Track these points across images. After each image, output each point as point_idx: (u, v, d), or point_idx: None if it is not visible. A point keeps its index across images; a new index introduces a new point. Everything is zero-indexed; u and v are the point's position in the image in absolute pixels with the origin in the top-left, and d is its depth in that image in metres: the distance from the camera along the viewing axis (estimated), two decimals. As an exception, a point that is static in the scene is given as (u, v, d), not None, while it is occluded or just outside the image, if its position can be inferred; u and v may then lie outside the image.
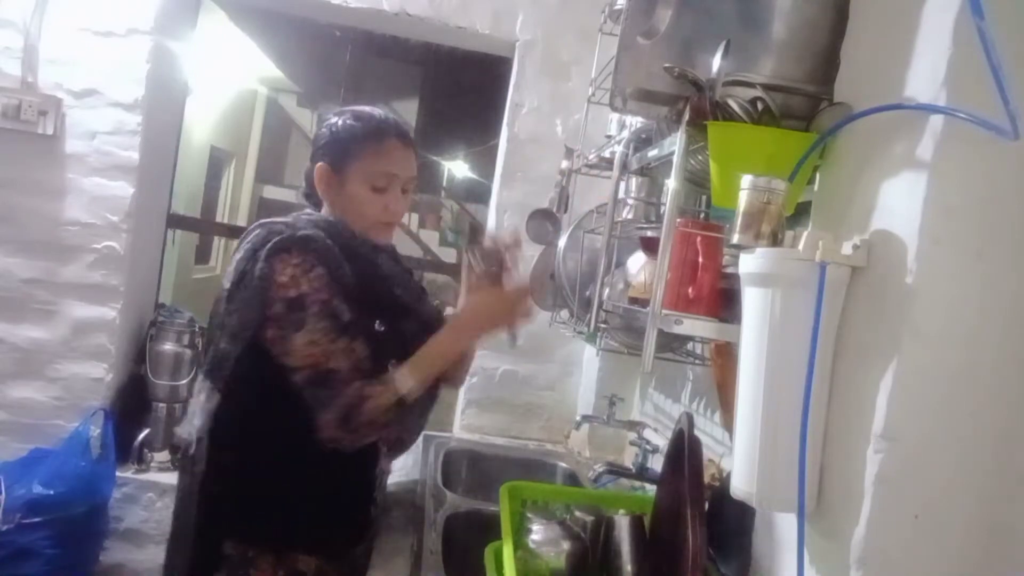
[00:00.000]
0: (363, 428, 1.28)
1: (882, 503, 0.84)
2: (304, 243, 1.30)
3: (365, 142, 1.39)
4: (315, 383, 1.27)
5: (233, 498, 1.36)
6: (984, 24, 0.72)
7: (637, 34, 1.10)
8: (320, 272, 1.29)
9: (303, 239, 1.31)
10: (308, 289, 1.28)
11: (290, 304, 1.27)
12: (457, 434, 2.55)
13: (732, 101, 1.02)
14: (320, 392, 1.27)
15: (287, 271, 1.28)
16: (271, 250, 1.29)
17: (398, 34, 2.70)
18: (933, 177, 0.82)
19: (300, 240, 1.30)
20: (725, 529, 1.19)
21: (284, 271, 1.28)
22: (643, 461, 1.87)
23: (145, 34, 2.34)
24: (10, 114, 2.24)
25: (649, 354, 1.05)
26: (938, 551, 0.84)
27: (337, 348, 1.28)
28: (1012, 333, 0.82)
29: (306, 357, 1.27)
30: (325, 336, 1.28)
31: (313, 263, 1.29)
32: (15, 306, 2.34)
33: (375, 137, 1.40)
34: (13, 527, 2.03)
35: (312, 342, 1.27)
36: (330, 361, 1.27)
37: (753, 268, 0.92)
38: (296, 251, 1.29)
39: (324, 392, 1.27)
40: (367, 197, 1.40)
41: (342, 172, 1.39)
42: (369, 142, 1.39)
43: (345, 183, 1.39)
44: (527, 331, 2.51)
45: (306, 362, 1.27)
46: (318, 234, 1.33)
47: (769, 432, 0.91)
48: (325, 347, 1.27)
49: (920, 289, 0.82)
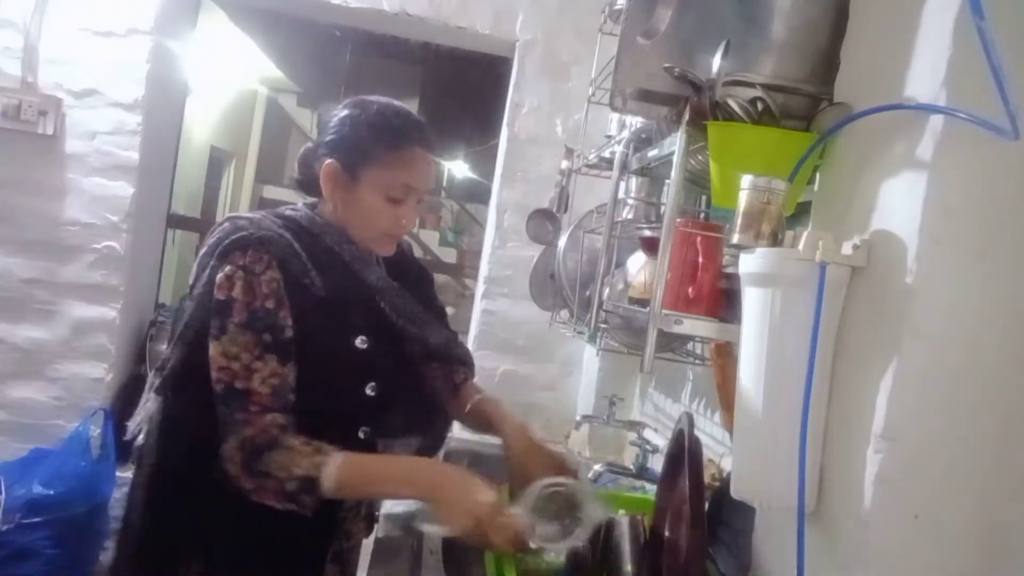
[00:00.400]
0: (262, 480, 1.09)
1: (882, 503, 0.84)
2: (261, 244, 1.15)
3: (387, 148, 1.23)
4: (226, 401, 1.12)
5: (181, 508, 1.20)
6: (984, 24, 0.72)
7: (637, 34, 1.10)
8: (269, 277, 1.15)
9: (260, 239, 1.16)
10: (239, 294, 1.13)
11: (217, 308, 1.13)
12: (457, 434, 2.54)
13: (732, 101, 1.02)
14: (229, 414, 1.12)
15: (227, 270, 1.14)
16: (224, 248, 1.16)
17: (398, 34, 2.71)
18: (933, 177, 0.82)
19: (257, 240, 1.15)
20: (725, 529, 1.19)
21: (224, 270, 1.14)
22: (643, 461, 1.87)
23: (145, 34, 2.34)
24: (10, 114, 2.25)
25: (649, 354, 1.05)
26: (938, 551, 0.84)
27: (262, 367, 1.12)
28: (1012, 333, 0.82)
29: (220, 370, 1.12)
30: (247, 350, 1.12)
31: (265, 266, 1.15)
32: (15, 306, 2.34)
33: (399, 143, 1.24)
34: (13, 527, 2.04)
35: (228, 354, 1.12)
36: (249, 380, 1.12)
37: (753, 268, 0.92)
38: (250, 251, 1.14)
39: (234, 415, 1.11)
40: (380, 207, 1.24)
41: (355, 176, 1.23)
42: (391, 148, 1.23)
43: (357, 188, 1.24)
44: (527, 332, 2.55)
45: (220, 375, 1.12)
46: (283, 237, 1.18)
47: (769, 432, 0.91)
48: (244, 364, 1.12)
49: (920, 289, 0.82)
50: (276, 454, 1.10)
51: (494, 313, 2.58)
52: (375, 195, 1.24)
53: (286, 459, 1.09)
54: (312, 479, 1.08)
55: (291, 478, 1.08)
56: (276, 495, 1.10)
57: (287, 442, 1.11)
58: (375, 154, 1.23)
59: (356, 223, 1.26)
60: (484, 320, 2.58)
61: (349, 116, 1.26)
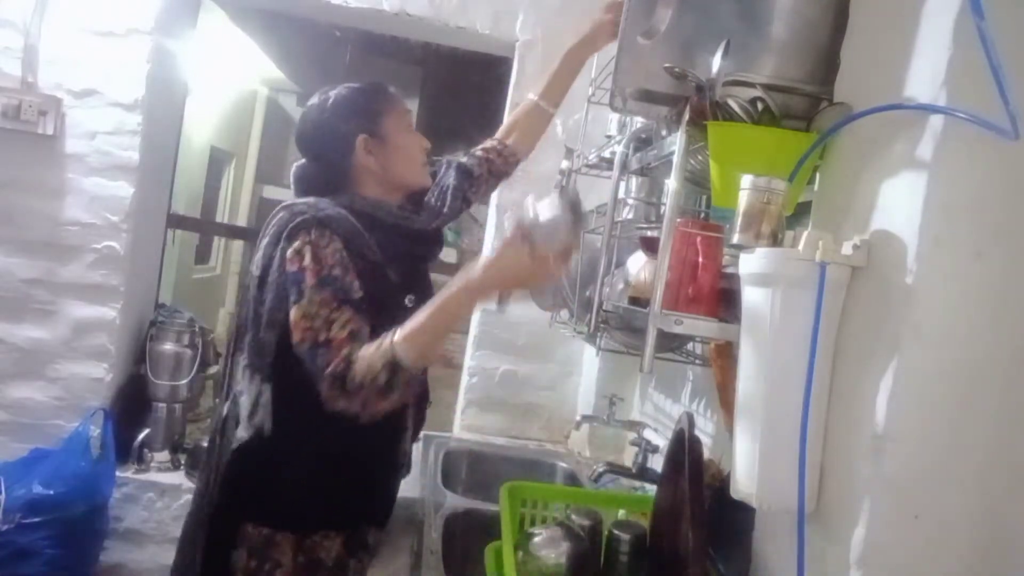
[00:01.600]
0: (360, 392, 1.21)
1: (882, 503, 0.84)
2: (323, 222, 1.30)
3: (381, 98, 1.45)
4: (311, 356, 1.25)
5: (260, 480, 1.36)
6: (984, 24, 0.72)
7: (637, 34, 1.10)
8: (334, 248, 1.29)
9: (322, 219, 1.31)
10: (310, 263, 1.27)
11: (292, 279, 1.27)
12: (457, 434, 2.54)
13: (732, 101, 1.02)
14: (315, 363, 1.24)
15: (295, 246, 1.28)
16: (291, 231, 1.30)
17: (398, 34, 2.70)
18: (933, 177, 0.82)
19: (319, 220, 1.30)
20: (725, 529, 1.19)
21: (292, 247, 1.28)
22: (643, 461, 1.87)
23: (145, 34, 2.33)
24: (10, 114, 2.24)
25: (649, 354, 1.05)
26: (938, 551, 0.84)
27: (336, 319, 1.25)
28: (1012, 333, 0.82)
29: (304, 331, 1.25)
30: (322, 308, 1.25)
31: (329, 240, 1.29)
32: (15, 306, 2.34)
33: (382, 91, 1.47)
34: (13, 527, 2.03)
35: (307, 315, 1.25)
36: (328, 332, 1.25)
37: (753, 268, 0.92)
38: (314, 229, 1.29)
39: (319, 361, 1.24)
40: (410, 141, 1.46)
41: (380, 132, 1.42)
42: (383, 97, 1.46)
43: (387, 140, 1.42)
44: (527, 332, 2.55)
45: (304, 336, 1.25)
46: (340, 212, 1.34)
47: (769, 432, 0.91)
48: (324, 318, 1.25)
49: (920, 289, 0.82)
50: (356, 368, 1.21)
51: (494, 313, 2.58)
52: (402, 134, 1.44)
53: (364, 365, 1.21)
54: (390, 362, 1.20)
55: (377, 374, 1.20)
56: (379, 397, 1.21)
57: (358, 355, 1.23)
58: (379, 107, 1.44)
59: (402, 167, 1.45)
60: (484, 320, 2.58)
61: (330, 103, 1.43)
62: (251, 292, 1.36)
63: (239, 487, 1.36)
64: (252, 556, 1.35)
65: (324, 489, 1.38)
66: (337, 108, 1.42)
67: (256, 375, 1.35)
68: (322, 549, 1.38)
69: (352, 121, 1.41)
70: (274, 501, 1.37)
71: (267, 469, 1.35)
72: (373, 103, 1.44)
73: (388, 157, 1.42)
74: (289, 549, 1.35)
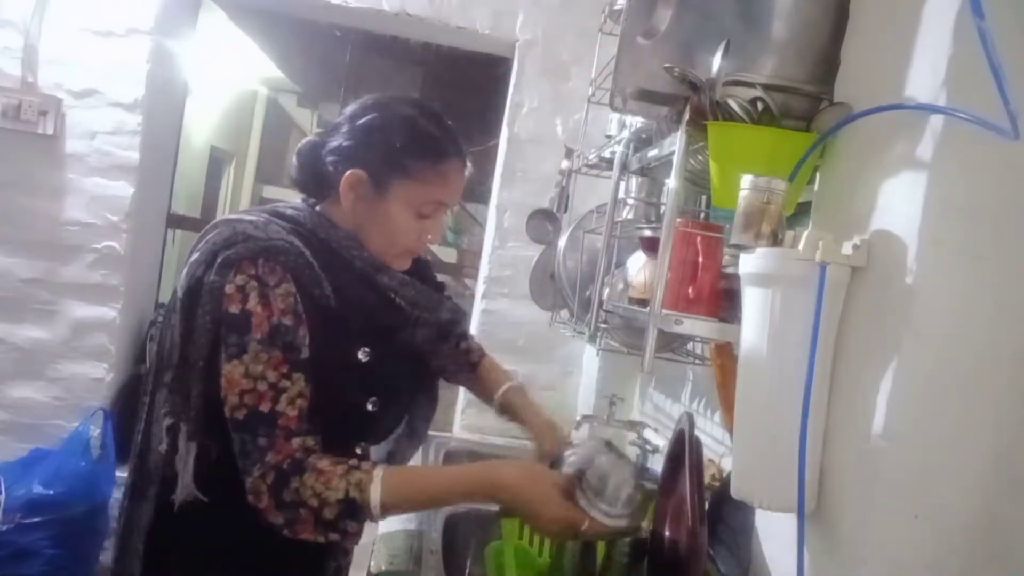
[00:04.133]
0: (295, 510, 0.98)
1: (882, 503, 0.84)
2: (271, 253, 1.04)
3: (425, 161, 1.13)
4: (247, 428, 1.01)
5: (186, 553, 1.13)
6: (984, 24, 0.72)
7: (637, 34, 1.10)
8: (284, 291, 1.04)
9: (270, 249, 1.05)
10: (257, 307, 1.02)
11: (232, 323, 1.02)
12: (457, 434, 2.55)
13: (732, 101, 1.02)
14: (252, 441, 1.00)
15: (238, 281, 1.03)
16: (229, 257, 1.04)
17: (398, 34, 2.71)
18: (933, 177, 0.82)
19: (266, 250, 1.04)
20: (725, 529, 1.19)
21: (234, 281, 1.03)
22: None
23: (145, 34, 2.34)
24: (10, 114, 2.25)
25: (649, 354, 1.05)
26: (938, 551, 0.84)
27: (285, 389, 1.02)
28: (1012, 333, 0.82)
29: (243, 393, 1.01)
30: (268, 369, 1.01)
31: (280, 278, 1.04)
32: (15, 306, 2.34)
33: (438, 157, 1.14)
34: (13, 527, 2.03)
35: (249, 375, 1.01)
36: (273, 403, 1.01)
37: (753, 268, 0.92)
38: (261, 261, 1.03)
39: (258, 440, 1.00)
40: (407, 224, 1.15)
41: (384, 189, 1.13)
42: (429, 162, 1.13)
43: (384, 202, 1.13)
44: (527, 332, 2.54)
45: (240, 401, 1.01)
46: (293, 245, 1.07)
47: (769, 432, 0.91)
48: (269, 384, 1.01)
49: (920, 289, 0.82)
50: (306, 479, 0.99)
51: (494, 313, 2.58)
52: (404, 212, 1.14)
53: (318, 483, 0.98)
54: (353, 501, 0.98)
55: (327, 504, 0.98)
56: (313, 526, 0.99)
57: (316, 464, 1.00)
58: (411, 169, 1.12)
59: (377, 238, 1.16)
60: (484, 320, 2.58)
61: (378, 123, 1.14)
62: (174, 317, 1.09)
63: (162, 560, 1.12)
64: None
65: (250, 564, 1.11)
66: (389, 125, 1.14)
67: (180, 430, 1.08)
68: None
69: (368, 147, 1.13)
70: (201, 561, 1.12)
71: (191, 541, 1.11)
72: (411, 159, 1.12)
73: (369, 212, 1.14)
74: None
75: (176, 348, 1.08)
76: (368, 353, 1.13)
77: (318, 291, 1.08)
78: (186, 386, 1.08)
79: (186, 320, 1.07)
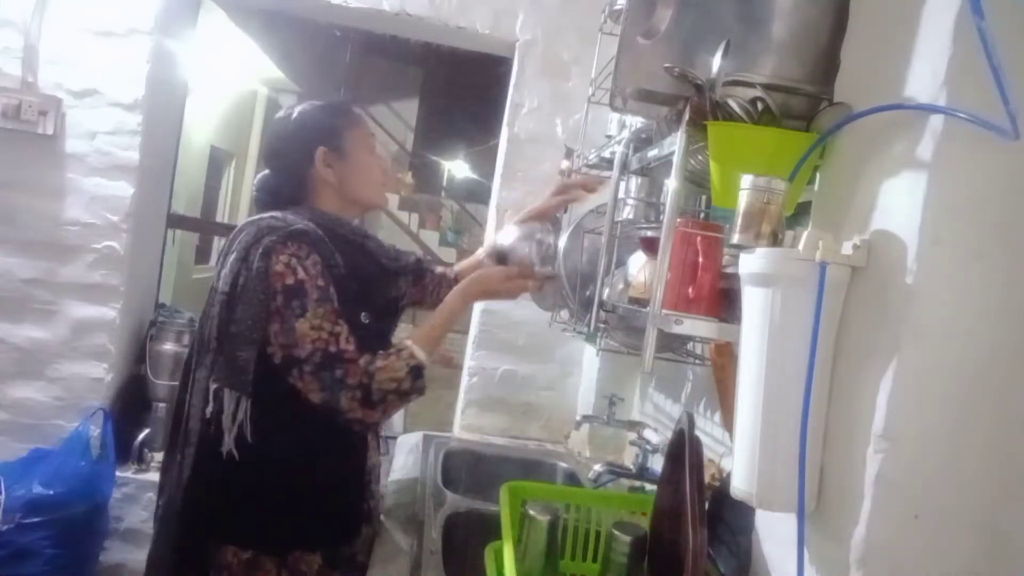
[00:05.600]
0: (384, 402, 1.30)
1: (882, 503, 0.84)
2: (296, 235, 1.33)
3: (344, 115, 1.50)
4: (325, 366, 1.28)
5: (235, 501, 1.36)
6: (984, 24, 0.72)
7: (637, 34, 1.10)
8: (314, 260, 1.33)
9: (296, 232, 1.34)
10: (305, 276, 1.30)
11: (289, 292, 1.29)
12: (457, 434, 2.54)
13: (732, 101, 1.02)
14: (332, 374, 1.28)
15: (282, 260, 1.30)
16: (266, 246, 1.31)
17: (398, 34, 2.70)
18: (933, 177, 0.82)
19: (292, 233, 1.33)
20: (725, 529, 1.19)
21: (279, 261, 1.30)
22: (643, 461, 1.87)
23: (145, 34, 2.34)
24: (10, 114, 2.25)
25: (649, 354, 1.05)
26: (938, 551, 0.84)
27: (339, 332, 1.31)
28: (1012, 333, 0.82)
29: (314, 342, 1.28)
30: (327, 320, 1.30)
31: (308, 252, 1.32)
32: (15, 306, 2.34)
33: (346, 110, 1.53)
34: (13, 527, 2.03)
35: (316, 327, 1.29)
36: (337, 344, 1.29)
37: (753, 268, 0.92)
38: (290, 243, 1.32)
39: (336, 373, 1.28)
40: (369, 161, 1.51)
41: (341, 148, 1.46)
42: (346, 114, 1.51)
43: (347, 155, 1.47)
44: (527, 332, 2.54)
45: (314, 347, 1.28)
46: (309, 226, 1.37)
47: (769, 432, 0.91)
48: (328, 331, 1.29)
49: (920, 289, 0.82)
50: (378, 379, 1.30)
51: (494, 313, 2.58)
52: (362, 153, 1.49)
53: (386, 375, 1.31)
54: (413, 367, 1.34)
55: (401, 381, 1.32)
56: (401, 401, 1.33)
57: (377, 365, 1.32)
58: (343, 123, 1.49)
59: (360, 185, 1.50)
60: (484, 320, 2.58)
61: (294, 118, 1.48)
62: (216, 309, 1.35)
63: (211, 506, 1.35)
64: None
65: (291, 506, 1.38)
66: (301, 121, 1.48)
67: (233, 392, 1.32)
68: (303, 563, 1.39)
69: (314, 134, 1.46)
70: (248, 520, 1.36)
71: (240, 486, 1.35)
72: (335, 119, 1.49)
73: (346, 171, 1.47)
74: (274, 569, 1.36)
75: (218, 331, 1.34)
76: (368, 317, 1.42)
77: (333, 261, 1.37)
78: (232, 356, 1.32)
79: (230, 305, 1.32)
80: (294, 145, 1.47)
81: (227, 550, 1.35)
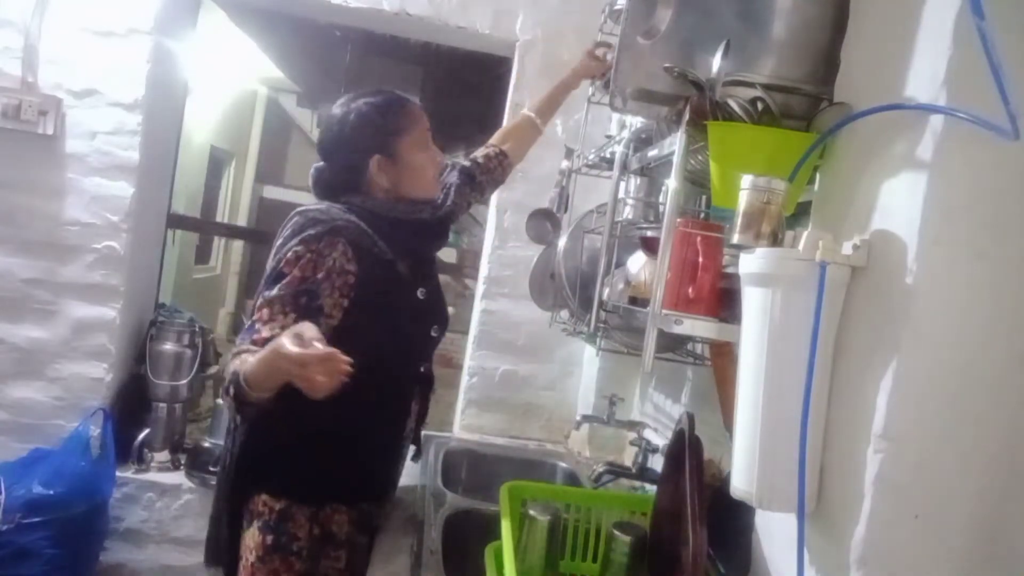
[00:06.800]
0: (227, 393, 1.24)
1: (882, 503, 0.84)
2: (335, 231, 1.37)
3: (400, 117, 1.50)
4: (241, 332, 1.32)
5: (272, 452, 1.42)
6: (984, 24, 0.72)
7: (637, 34, 1.10)
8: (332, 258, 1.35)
9: (335, 228, 1.38)
10: (299, 271, 1.33)
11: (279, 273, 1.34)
12: (457, 434, 2.54)
13: (732, 101, 1.02)
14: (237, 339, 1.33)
15: (299, 251, 1.34)
16: (304, 237, 1.36)
17: (398, 34, 2.70)
18: (933, 177, 0.82)
19: (332, 230, 1.37)
20: (725, 529, 1.19)
21: (296, 251, 1.34)
22: (643, 461, 1.87)
23: (145, 34, 2.33)
24: (10, 114, 2.24)
25: (649, 354, 1.05)
26: (938, 551, 0.84)
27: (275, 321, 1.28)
28: (1012, 333, 0.82)
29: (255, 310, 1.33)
30: (276, 304, 1.30)
31: (331, 249, 1.35)
32: (15, 306, 2.34)
33: (401, 111, 1.51)
34: (13, 527, 2.03)
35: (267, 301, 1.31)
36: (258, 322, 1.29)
37: (753, 268, 0.92)
38: (324, 238, 1.36)
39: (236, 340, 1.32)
40: (423, 160, 1.52)
41: (395, 153, 1.48)
42: (402, 116, 1.50)
43: (401, 161, 1.48)
44: (527, 332, 2.54)
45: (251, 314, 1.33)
46: (351, 221, 1.40)
47: (769, 432, 0.91)
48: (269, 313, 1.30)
49: (920, 289, 0.82)
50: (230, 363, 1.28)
51: (494, 313, 2.58)
52: (416, 154, 1.50)
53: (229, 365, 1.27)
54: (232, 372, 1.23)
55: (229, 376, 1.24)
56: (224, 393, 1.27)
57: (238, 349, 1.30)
58: (397, 127, 1.48)
59: (415, 184, 1.52)
60: (484, 320, 2.58)
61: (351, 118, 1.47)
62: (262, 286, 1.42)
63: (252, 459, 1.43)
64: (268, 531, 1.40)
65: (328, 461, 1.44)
66: (356, 126, 1.47)
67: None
68: (334, 523, 1.44)
69: (369, 140, 1.47)
70: (285, 472, 1.43)
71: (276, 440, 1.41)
72: (391, 123, 1.48)
73: (400, 176, 1.49)
74: (305, 522, 1.41)
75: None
76: (424, 292, 1.51)
77: (376, 248, 1.42)
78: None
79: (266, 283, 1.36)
80: (349, 149, 1.48)
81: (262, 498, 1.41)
